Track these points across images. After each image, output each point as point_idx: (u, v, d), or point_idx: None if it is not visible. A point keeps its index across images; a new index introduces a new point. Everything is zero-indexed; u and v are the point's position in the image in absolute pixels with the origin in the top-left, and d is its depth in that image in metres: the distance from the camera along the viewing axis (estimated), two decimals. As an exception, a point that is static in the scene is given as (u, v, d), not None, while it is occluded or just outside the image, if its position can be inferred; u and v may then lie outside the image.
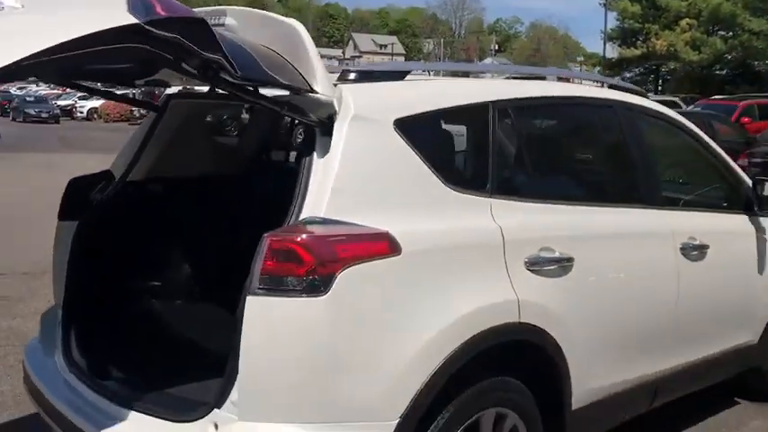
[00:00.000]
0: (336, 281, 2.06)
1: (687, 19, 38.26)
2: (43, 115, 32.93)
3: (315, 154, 2.25)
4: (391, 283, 2.20)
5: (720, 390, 4.27)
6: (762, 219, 3.91)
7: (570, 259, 2.69)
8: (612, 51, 43.72)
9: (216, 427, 2.12)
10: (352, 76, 2.45)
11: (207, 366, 2.40)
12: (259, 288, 2.05)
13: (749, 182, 3.86)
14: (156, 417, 2.30)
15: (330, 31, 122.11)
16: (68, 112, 37.18)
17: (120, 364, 2.71)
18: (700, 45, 37.93)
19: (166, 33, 1.82)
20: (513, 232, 2.53)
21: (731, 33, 38.52)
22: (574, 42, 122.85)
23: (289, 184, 2.26)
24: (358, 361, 2.13)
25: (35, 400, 2.75)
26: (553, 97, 3.09)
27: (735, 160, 9.92)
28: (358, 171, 2.27)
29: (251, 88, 2.18)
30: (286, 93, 2.24)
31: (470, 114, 2.66)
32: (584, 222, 2.84)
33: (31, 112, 33.02)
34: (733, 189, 3.87)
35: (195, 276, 3.26)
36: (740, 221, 3.79)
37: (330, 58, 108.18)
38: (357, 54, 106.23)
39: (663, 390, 3.37)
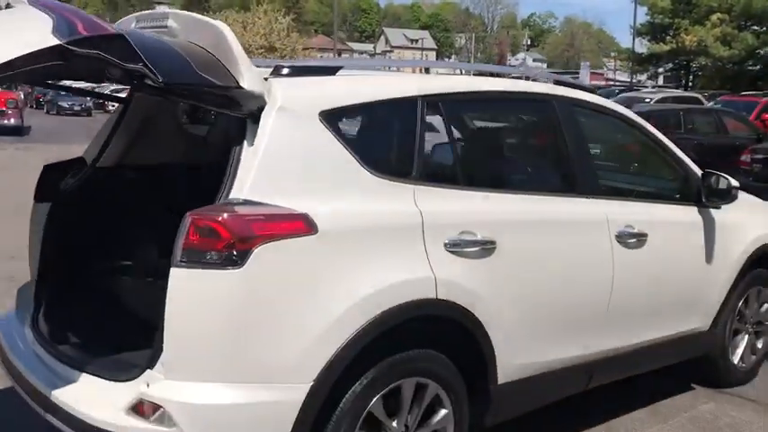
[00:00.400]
0: (252, 256, 2.30)
1: (718, 14, 37.81)
2: (76, 108, 33.67)
3: (245, 142, 2.48)
4: (307, 260, 2.42)
5: (677, 375, 4.44)
6: (713, 211, 4.05)
7: (492, 242, 2.88)
8: (643, 47, 43.35)
9: (147, 385, 2.37)
10: (285, 71, 2.68)
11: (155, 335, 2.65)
12: (181, 261, 2.30)
13: (699, 175, 4.00)
14: (101, 378, 2.55)
15: (362, 25, 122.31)
16: (101, 105, 37.93)
17: (79, 332, 2.98)
18: (731, 40, 37.44)
19: (88, 51, 2.10)
20: (434, 216, 2.74)
21: (764, 28, 37.95)
22: (608, 38, 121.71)
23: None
24: (272, 329, 2.36)
25: (5, 368, 3.02)
26: (485, 92, 3.28)
27: (740, 156, 9.88)
28: (282, 158, 2.49)
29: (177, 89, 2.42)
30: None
31: (399, 107, 2.87)
32: (509, 209, 3.03)
33: (65, 105, 33.77)
34: (683, 181, 3.99)
35: (160, 256, 3.51)
36: (688, 212, 3.92)
37: (361, 52, 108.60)
38: (388, 49, 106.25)
39: (600, 371, 3.53)
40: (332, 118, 2.61)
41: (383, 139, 2.89)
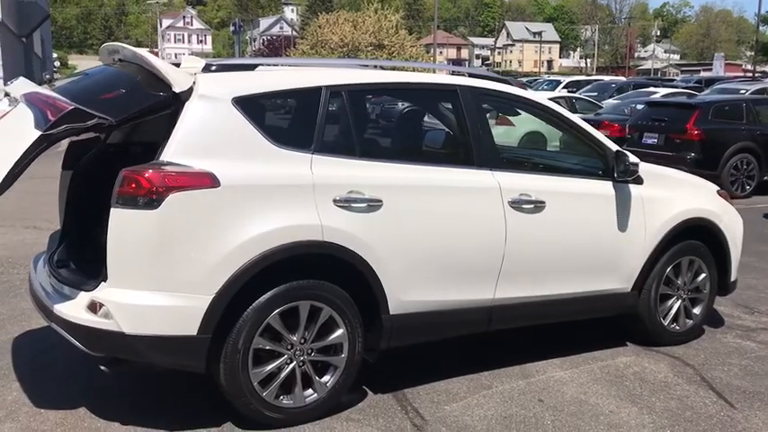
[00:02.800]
0: (166, 200, 3.22)
1: None
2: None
3: (177, 122, 3.42)
4: (211, 206, 3.31)
5: (615, 333, 5.02)
6: (633, 186, 4.59)
7: (379, 200, 3.66)
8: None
9: (101, 290, 3.35)
10: (213, 68, 3.62)
11: None
12: (117, 203, 3.26)
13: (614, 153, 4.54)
14: (80, 289, 3.55)
15: (485, 20, 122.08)
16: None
17: (76, 262, 4.01)
18: None
19: (59, 129, 3.17)
20: (325, 178, 3.57)
21: None
22: (750, 26, 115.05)
23: None
24: (183, 253, 3.28)
25: (30, 294, 4.07)
26: (388, 83, 4.06)
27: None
28: (199, 132, 3.41)
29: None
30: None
31: (304, 94, 3.71)
32: (397, 175, 3.77)
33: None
34: (597, 159, 4.55)
35: None
36: (598, 186, 4.47)
37: (482, 47, 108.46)
38: (510, 42, 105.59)
39: (500, 317, 4.20)
40: (243, 103, 3.50)
41: (288, 119, 3.75)
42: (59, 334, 3.56)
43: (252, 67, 3.73)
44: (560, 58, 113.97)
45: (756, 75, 38.72)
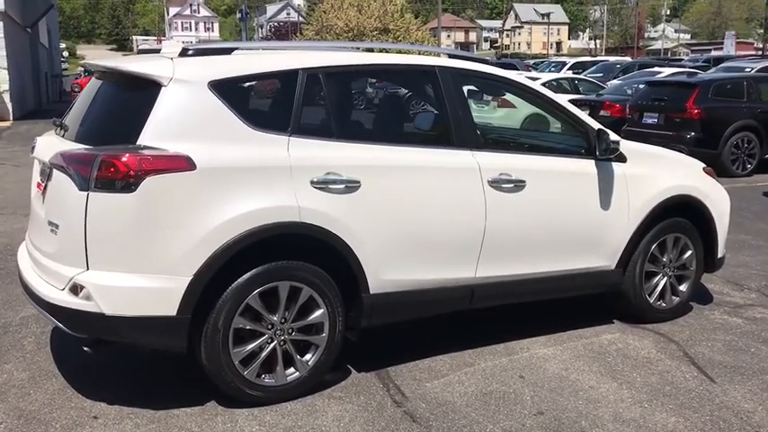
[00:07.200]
0: (143, 184, 3.27)
1: None
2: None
3: (153, 106, 3.46)
4: (188, 189, 3.36)
5: (601, 311, 5.06)
6: (615, 164, 4.61)
7: (356, 181, 3.70)
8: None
9: (81, 273, 3.41)
10: (190, 52, 3.65)
11: None
12: (95, 187, 3.31)
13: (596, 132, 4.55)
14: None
15: (493, 2, 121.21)
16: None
17: None
18: None
19: (98, 180, 3.32)
20: (301, 160, 3.61)
21: None
22: (762, 3, 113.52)
23: None
24: (160, 236, 3.33)
25: (20, 279, 4.11)
26: (366, 64, 4.07)
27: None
28: (175, 116, 3.44)
29: None
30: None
31: (280, 77, 3.75)
32: (374, 156, 3.80)
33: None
34: (579, 138, 4.56)
35: None
36: (580, 164, 4.49)
37: (490, 30, 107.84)
38: (518, 24, 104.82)
39: (482, 294, 4.23)
40: (218, 86, 3.53)
41: (265, 102, 3.79)
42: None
43: (229, 51, 3.77)
44: (569, 39, 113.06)
45: (766, 53, 38.28)
